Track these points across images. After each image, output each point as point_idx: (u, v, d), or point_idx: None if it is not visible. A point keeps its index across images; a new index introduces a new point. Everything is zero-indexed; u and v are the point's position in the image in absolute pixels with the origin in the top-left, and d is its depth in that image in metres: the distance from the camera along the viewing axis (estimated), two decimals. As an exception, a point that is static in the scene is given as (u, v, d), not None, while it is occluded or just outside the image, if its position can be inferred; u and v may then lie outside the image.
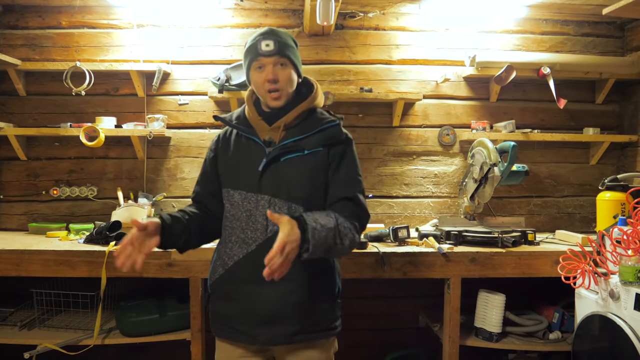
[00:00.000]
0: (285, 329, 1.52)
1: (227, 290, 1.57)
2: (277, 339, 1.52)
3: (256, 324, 1.52)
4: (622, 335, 1.78)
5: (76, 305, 2.35)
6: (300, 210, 1.51)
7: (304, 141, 1.54)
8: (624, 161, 3.08)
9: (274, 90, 1.51)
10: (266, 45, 1.50)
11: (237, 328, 1.55)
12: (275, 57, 1.51)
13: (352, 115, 2.96)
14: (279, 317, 1.51)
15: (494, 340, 2.36)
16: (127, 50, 2.88)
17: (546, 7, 2.90)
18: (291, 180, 1.52)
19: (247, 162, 1.56)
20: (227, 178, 1.60)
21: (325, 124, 1.57)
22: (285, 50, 1.52)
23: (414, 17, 2.99)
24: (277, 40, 1.51)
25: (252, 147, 1.57)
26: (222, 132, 1.69)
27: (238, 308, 1.54)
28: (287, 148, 1.53)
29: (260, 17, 2.93)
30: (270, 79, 1.50)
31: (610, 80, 2.93)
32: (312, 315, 1.54)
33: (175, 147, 2.94)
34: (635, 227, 1.81)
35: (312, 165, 1.54)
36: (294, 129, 1.56)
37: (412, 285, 2.69)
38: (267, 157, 1.52)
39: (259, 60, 1.51)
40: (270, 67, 1.51)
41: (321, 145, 1.55)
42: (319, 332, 1.56)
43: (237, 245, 1.55)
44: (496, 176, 2.44)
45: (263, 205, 1.51)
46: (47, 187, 2.87)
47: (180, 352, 2.41)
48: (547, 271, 2.28)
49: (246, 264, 1.53)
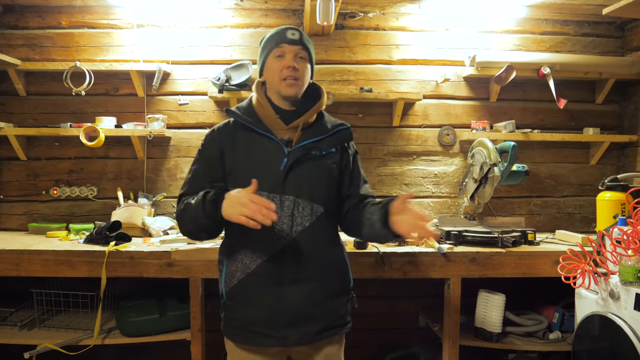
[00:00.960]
0: (312, 328, 1.54)
1: (249, 295, 1.54)
2: (306, 338, 1.54)
3: (284, 326, 1.52)
4: (622, 335, 1.78)
5: (76, 305, 2.35)
6: (321, 209, 1.56)
7: (320, 142, 1.58)
8: (624, 161, 3.08)
9: (291, 77, 1.53)
10: (292, 34, 1.55)
11: (262, 332, 1.53)
12: (298, 48, 1.56)
13: (352, 115, 2.96)
14: (305, 316, 1.53)
15: (494, 340, 2.35)
16: (127, 50, 2.88)
17: (546, 7, 2.90)
18: (312, 180, 1.55)
19: (266, 161, 1.53)
20: (242, 177, 1.50)
21: (339, 127, 1.64)
22: (307, 44, 1.59)
23: (414, 17, 2.99)
24: (301, 33, 1.58)
25: (267, 145, 1.55)
26: (221, 126, 1.63)
27: (263, 311, 1.52)
28: (308, 149, 1.55)
29: (260, 17, 2.93)
30: (291, 66, 1.53)
31: (610, 80, 2.93)
32: (334, 311, 1.59)
33: (175, 147, 2.93)
34: (635, 227, 1.81)
35: (328, 166, 1.60)
36: (308, 131, 1.59)
37: (412, 285, 2.69)
38: (288, 157, 1.53)
39: (282, 47, 1.55)
40: (291, 56, 1.55)
41: (334, 146, 1.62)
42: (339, 327, 1.61)
43: (259, 248, 1.52)
44: (496, 176, 2.44)
45: (288, 206, 1.51)
46: (47, 187, 2.87)
47: (180, 352, 2.41)
48: (547, 271, 2.28)
49: (272, 266, 1.52)
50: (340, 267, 1.65)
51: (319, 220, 1.55)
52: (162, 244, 2.34)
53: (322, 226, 1.56)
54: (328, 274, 1.58)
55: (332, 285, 1.59)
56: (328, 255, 1.60)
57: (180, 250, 2.19)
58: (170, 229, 2.63)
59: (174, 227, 2.65)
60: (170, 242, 2.35)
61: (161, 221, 2.65)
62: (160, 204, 2.86)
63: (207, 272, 2.18)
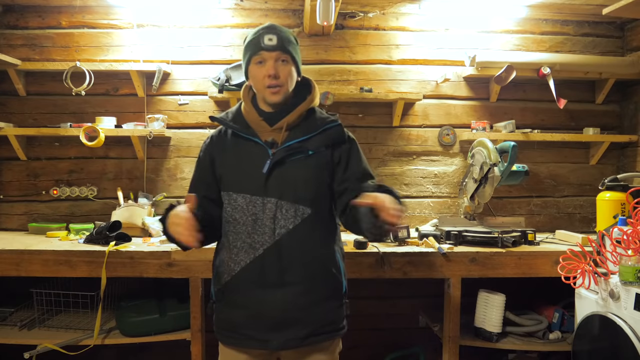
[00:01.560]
0: (296, 333, 1.50)
1: (235, 297, 1.54)
2: (289, 343, 1.50)
3: (267, 329, 1.50)
4: (622, 335, 1.78)
5: (76, 305, 2.35)
6: (308, 211, 1.50)
7: (308, 142, 1.53)
8: (624, 161, 3.08)
9: (274, 85, 1.49)
10: (269, 40, 1.48)
11: (246, 334, 1.52)
12: (278, 53, 1.49)
13: (352, 115, 2.96)
14: (290, 320, 1.50)
15: (494, 340, 2.35)
16: (127, 50, 2.88)
17: (546, 7, 2.90)
18: (297, 181, 1.50)
19: (250, 164, 1.52)
20: (228, 181, 1.55)
21: (328, 124, 1.56)
22: (287, 46, 1.51)
23: (414, 17, 2.99)
24: (279, 35, 1.50)
25: (252, 148, 1.54)
26: (215, 133, 1.64)
27: (247, 314, 1.52)
28: (292, 149, 1.51)
29: (260, 17, 2.93)
30: (272, 74, 1.48)
31: (610, 80, 2.93)
32: (321, 317, 1.54)
33: (175, 147, 2.93)
34: (635, 227, 1.81)
35: (316, 165, 1.54)
36: (296, 130, 1.54)
37: (412, 285, 2.69)
38: (271, 159, 1.50)
39: (260, 54, 1.49)
40: (272, 62, 1.49)
41: (325, 145, 1.55)
42: (328, 333, 1.56)
43: (243, 251, 1.51)
44: (496, 176, 2.44)
45: (270, 209, 1.49)
46: (47, 187, 2.87)
47: (180, 352, 2.41)
48: (547, 271, 2.28)
49: (254, 269, 1.50)
50: (330, 272, 1.56)
51: (305, 222, 1.50)
52: (162, 244, 2.34)
53: (308, 229, 1.51)
54: (314, 278, 1.53)
55: (319, 289, 1.53)
56: (315, 259, 1.53)
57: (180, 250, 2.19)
58: (170, 229, 2.63)
59: (174, 227, 2.65)
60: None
61: (161, 221, 2.65)
62: (160, 204, 2.86)
63: (207, 272, 2.17)
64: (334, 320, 1.57)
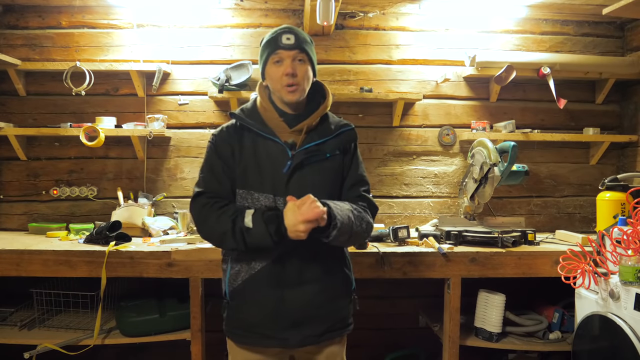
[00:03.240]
0: (314, 330, 1.55)
1: (252, 296, 1.55)
2: (307, 340, 1.55)
3: (286, 327, 1.53)
4: (622, 335, 1.78)
5: (76, 305, 2.35)
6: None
7: (324, 145, 1.57)
8: (624, 161, 3.08)
9: (291, 84, 1.51)
10: (287, 39, 1.51)
11: (264, 333, 1.54)
12: (295, 52, 1.52)
13: (352, 115, 2.95)
14: (307, 318, 1.54)
15: (494, 340, 2.36)
16: (127, 50, 2.88)
17: (546, 7, 2.90)
18: (315, 183, 1.54)
19: (270, 164, 1.53)
20: (248, 179, 1.54)
21: (343, 128, 1.62)
22: (304, 45, 1.54)
23: (414, 17, 2.99)
24: (297, 35, 1.53)
25: (272, 147, 1.54)
26: (230, 126, 1.62)
27: (265, 313, 1.53)
28: (310, 152, 1.54)
29: (260, 17, 2.93)
30: (289, 73, 1.51)
31: (610, 80, 2.93)
32: (335, 313, 1.60)
33: (175, 147, 2.93)
34: (635, 227, 1.81)
35: (332, 168, 1.59)
36: (312, 133, 1.58)
37: (412, 285, 2.69)
38: (292, 160, 1.52)
39: (278, 53, 1.52)
40: (289, 61, 1.52)
41: (339, 148, 1.60)
42: (341, 328, 1.62)
43: None
44: (496, 176, 2.44)
45: None
46: (47, 187, 2.87)
47: (180, 352, 2.41)
48: (547, 271, 2.28)
49: (275, 268, 1.53)
50: (343, 270, 1.64)
51: None
52: (162, 244, 2.34)
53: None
54: (331, 277, 1.59)
55: (334, 287, 1.60)
56: (331, 258, 1.60)
57: (180, 250, 2.19)
58: (170, 229, 2.63)
59: (174, 227, 2.65)
60: (170, 242, 2.35)
61: (161, 221, 2.65)
62: (160, 204, 2.87)
63: (207, 272, 2.18)
64: (346, 316, 1.64)
